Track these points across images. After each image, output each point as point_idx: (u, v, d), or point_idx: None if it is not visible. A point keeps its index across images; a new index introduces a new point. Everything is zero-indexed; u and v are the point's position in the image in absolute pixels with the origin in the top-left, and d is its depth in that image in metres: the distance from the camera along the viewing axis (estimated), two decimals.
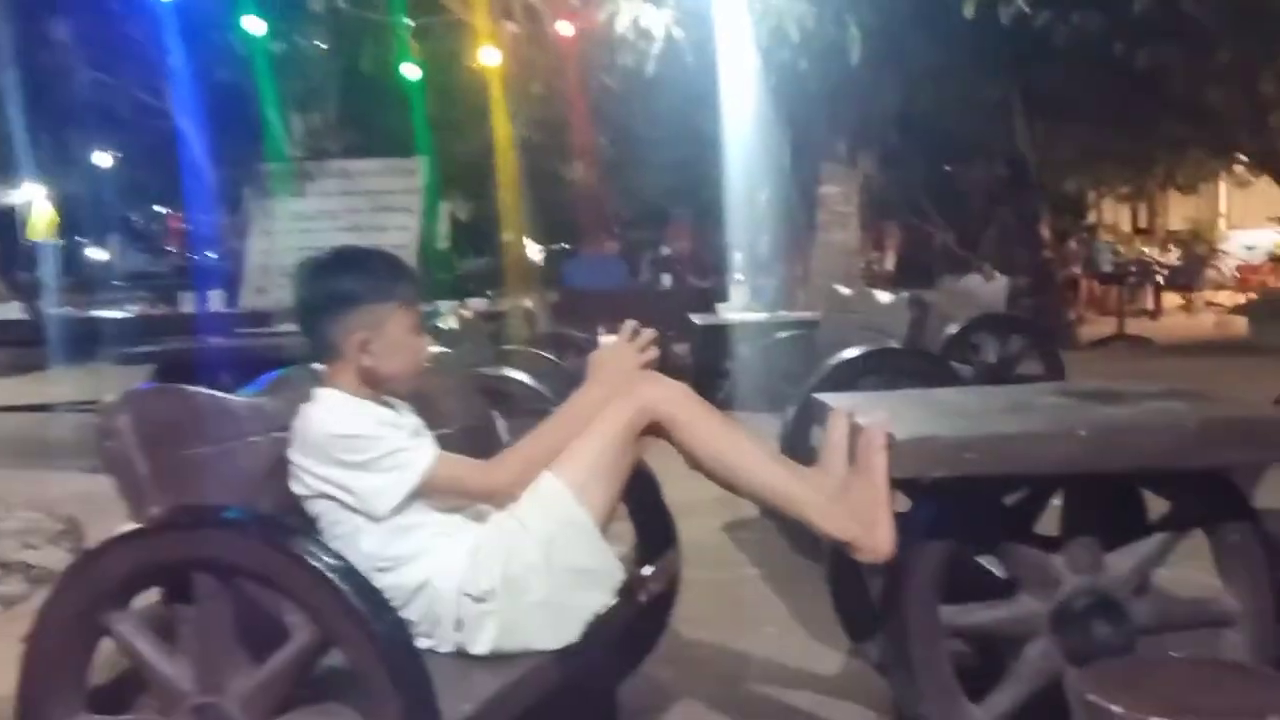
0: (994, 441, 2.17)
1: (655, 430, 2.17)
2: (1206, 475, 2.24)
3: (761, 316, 7.51)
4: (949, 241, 14.01)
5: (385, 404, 2.14)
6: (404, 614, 1.97)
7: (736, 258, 10.64)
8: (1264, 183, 14.36)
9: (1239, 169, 15.45)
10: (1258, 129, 12.42)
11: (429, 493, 2.06)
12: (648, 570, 2.48)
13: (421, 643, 1.98)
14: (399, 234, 8.25)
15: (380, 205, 8.67)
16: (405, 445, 2.05)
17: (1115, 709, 1.65)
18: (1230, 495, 2.30)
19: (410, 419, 2.19)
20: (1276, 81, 11.29)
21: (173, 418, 2.03)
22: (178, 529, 1.88)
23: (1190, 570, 2.38)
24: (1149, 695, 1.67)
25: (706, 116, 9.34)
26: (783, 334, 6.03)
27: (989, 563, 2.40)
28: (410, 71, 9.70)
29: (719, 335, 7.03)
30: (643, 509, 2.59)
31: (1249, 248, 19.68)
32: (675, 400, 2.17)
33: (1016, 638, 2.26)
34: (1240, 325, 13.46)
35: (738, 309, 8.60)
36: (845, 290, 6.00)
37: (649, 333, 2.26)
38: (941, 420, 2.36)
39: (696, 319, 7.70)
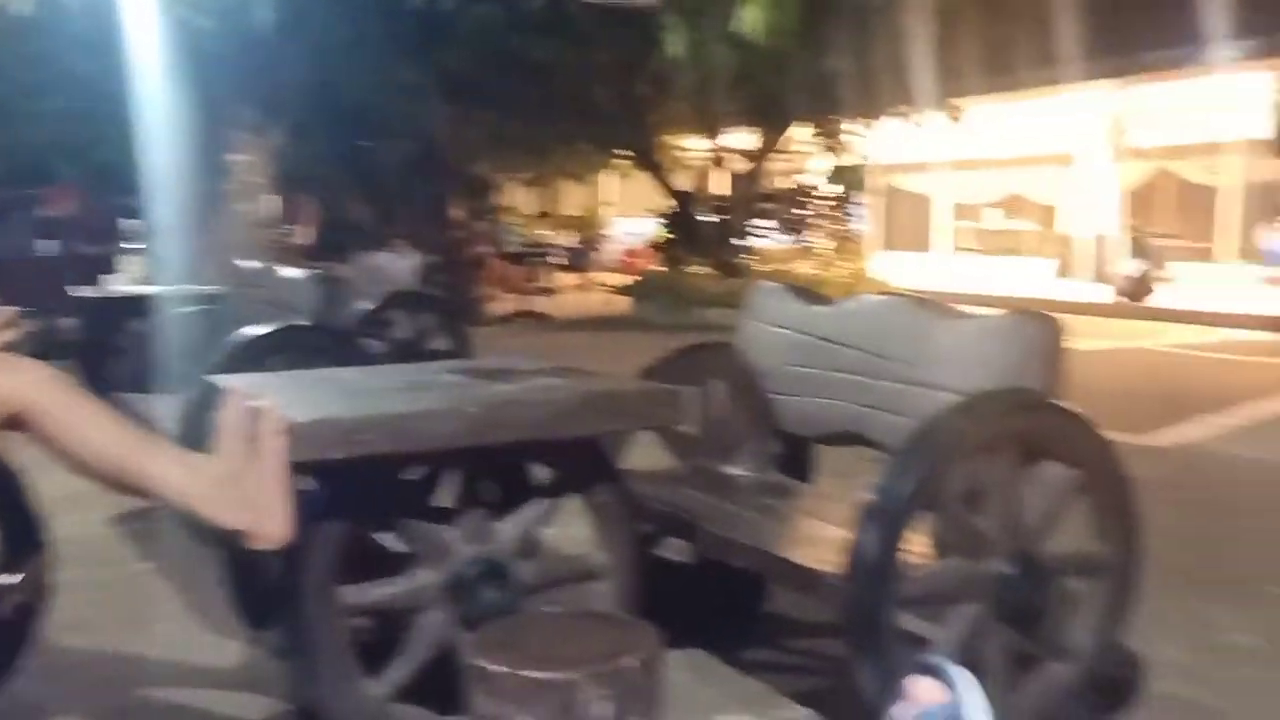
0: (390, 421, 2.21)
1: (16, 424, 1.92)
2: (579, 444, 2.48)
3: (162, 290, 6.98)
4: (365, 217, 14.09)
5: None
6: None
7: (136, 225, 9.80)
8: (647, 174, 16.20)
9: (622, 162, 17.28)
10: (636, 127, 13.98)
11: None
12: (9, 578, 2.20)
13: None
14: None
15: None
16: None
17: (495, 668, 1.77)
18: (599, 461, 2.56)
19: None
20: (651, 85, 12.80)
21: None
22: None
23: (577, 528, 2.61)
24: (524, 651, 1.81)
25: (99, 67, 8.46)
26: (185, 309, 5.66)
27: (392, 539, 2.45)
28: None
29: (112, 310, 6.43)
30: (2, 509, 2.29)
31: (633, 234, 22.18)
32: (36, 387, 1.93)
33: (415, 610, 2.33)
34: (626, 303, 15.13)
35: (135, 281, 7.93)
36: (252, 264, 5.78)
37: (6, 310, 2.00)
38: (342, 401, 2.36)
39: (85, 291, 6.98)
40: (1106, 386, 7.46)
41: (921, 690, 1.32)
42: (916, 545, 2.34)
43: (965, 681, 1.29)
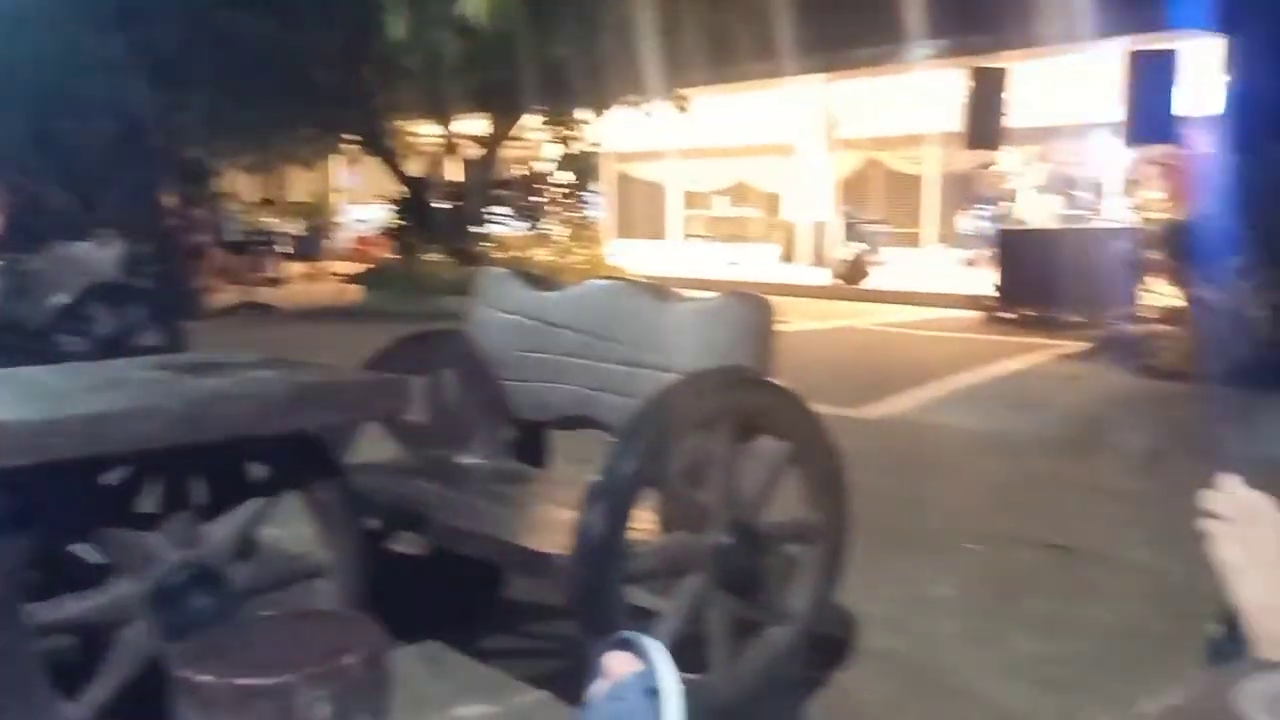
0: (80, 422, 2.04)
1: None
2: (295, 438, 2.37)
3: None
4: (64, 204, 12.95)
5: None
6: None
7: None
8: (377, 160, 15.76)
9: (351, 148, 16.72)
10: (361, 112, 13.56)
11: None
12: None
13: None
14: None
15: None
16: None
17: (203, 678, 1.66)
18: (318, 455, 2.46)
19: None
20: (376, 68, 12.47)
21: None
22: None
23: (302, 526, 2.49)
24: (237, 658, 1.72)
25: None
26: None
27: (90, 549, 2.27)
28: None
29: None
30: None
31: (363, 221, 21.56)
32: None
33: (117, 624, 2.17)
34: (358, 292, 14.69)
35: None
36: None
37: None
38: (24, 402, 2.15)
39: None
40: (821, 364, 7.93)
41: (616, 664, 1.34)
42: (642, 522, 2.40)
43: (657, 651, 1.33)
